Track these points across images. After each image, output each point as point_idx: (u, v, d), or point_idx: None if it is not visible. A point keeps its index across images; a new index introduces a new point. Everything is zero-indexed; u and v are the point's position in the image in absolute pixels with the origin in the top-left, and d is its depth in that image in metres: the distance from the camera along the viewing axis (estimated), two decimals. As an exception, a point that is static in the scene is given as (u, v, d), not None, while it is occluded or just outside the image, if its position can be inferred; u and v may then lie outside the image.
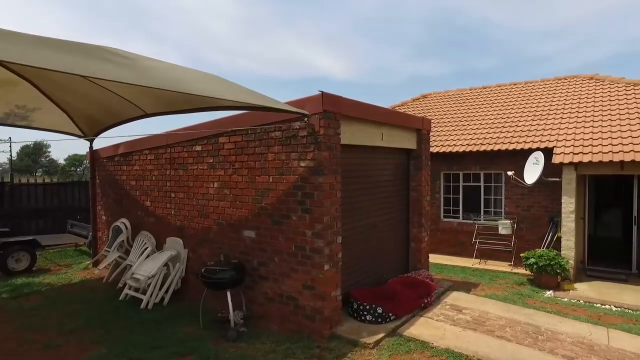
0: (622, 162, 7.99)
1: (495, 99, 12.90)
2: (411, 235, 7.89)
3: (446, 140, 11.11)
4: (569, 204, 8.57)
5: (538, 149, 9.28)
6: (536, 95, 12.27)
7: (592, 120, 9.74)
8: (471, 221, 10.63)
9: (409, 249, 7.93)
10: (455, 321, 5.85)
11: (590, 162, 8.19)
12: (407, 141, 7.52)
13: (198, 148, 6.74)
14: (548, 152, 9.04)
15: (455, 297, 6.87)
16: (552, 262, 8.12)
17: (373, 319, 5.59)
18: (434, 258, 10.64)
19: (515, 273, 9.22)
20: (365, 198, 6.61)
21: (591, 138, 8.96)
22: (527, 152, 9.42)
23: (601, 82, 11.83)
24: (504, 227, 9.77)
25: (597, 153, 8.37)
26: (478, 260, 10.28)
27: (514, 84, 13.65)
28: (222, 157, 6.37)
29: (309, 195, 5.25)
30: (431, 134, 11.70)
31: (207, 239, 6.64)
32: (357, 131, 6.05)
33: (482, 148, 10.05)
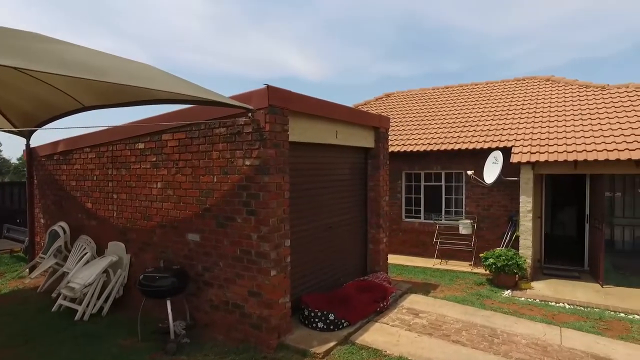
0: (575, 162, 8.05)
1: (457, 99, 12.92)
2: (369, 237, 7.67)
3: (407, 139, 10.99)
4: (526, 203, 8.58)
5: (497, 148, 9.28)
6: (496, 95, 12.36)
7: (549, 121, 9.84)
8: (432, 221, 10.55)
9: (367, 250, 7.71)
10: (411, 326, 5.64)
11: (546, 161, 8.22)
12: (365, 139, 7.29)
13: (141, 146, 6.26)
14: (507, 152, 9.04)
15: (413, 300, 6.69)
16: (510, 262, 8.09)
17: (325, 326, 5.31)
18: (396, 259, 10.51)
19: (475, 273, 9.17)
20: (319, 198, 6.32)
21: (547, 138, 9.02)
22: (487, 152, 9.41)
23: (557, 84, 12.03)
24: (465, 226, 9.72)
25: (552, 152, 8.41)
26: (439, 261, 10.20)
27: (475, 84, 13.74)
28: (165, 155, 5.93)
29: (254, 195, 4.90)
30: (393, 133, 11.60)
31: (150, 243, 6.17)
32: (308, 128, 5.75)
33: (443, 147, 9.98)
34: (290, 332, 5.19)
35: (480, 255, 8.72)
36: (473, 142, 9.82)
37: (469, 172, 9.27)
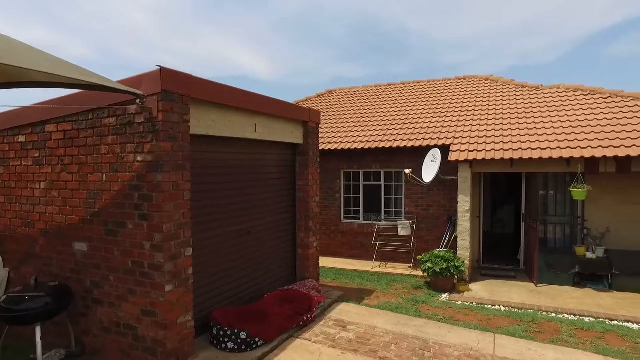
0: (511, 160, 7.89)
1: (399, 97, 12.65)
2: (298, 241, 7.07)
3: (346, 137, 10.53)
4: (464, 203, 8.33)
5: (436, 146, 8.99)
6: (437, 93, 12.20)
7: (487, 119, 9.71)
8: (372, 222, 10.14)
9: (296, 256, 7.10)
10: (335, 341, 5.08)
11: (483, 159, 8.00)
12: (291, 135, 6.68)
13: (21, 139, 5.28)
14: (446, 150, 8.76)
15: (343, 311, 6.15)
16: (448, 264, 7.79)
17: (236, 347, 4.63)
18: (334, 262, 10.01)
19: (413, 276, 8.82)
20: (235, 200, 5.62)
21: (485, 136, 8.85)
22: (426, 150, 9.10)
23: (495, 83, 12.05)
24: (403, 227, 9.38)
25: (490, 151, 8.22)
26: (378, 263, 9.80)
27: (417, 82, 13.56)
28: (49, 150, 5.00)
29: (147, 197, 4.14)
30: (332, 130, 11.10)
31: (33, 254, 5.21)
32: (218, 120, 5.05)
33: (381, 145, 9.58)
34: (194, 355, 4.46)
35: (418, 257, 8.38)
36: (412, 140, 9.49)
37: (407, 171, 8.92)
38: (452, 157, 8.33)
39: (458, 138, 9.03)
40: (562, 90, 10.42)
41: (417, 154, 9.28)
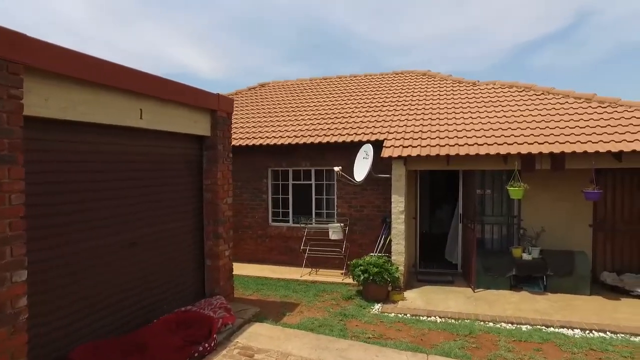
0: (447, 157, 7.32)
1: (334, 91, 11.88)
2: (206, 250, 6.02)
3: (273, 131, 9.57)
4: (398, 203, 7.66)
5: (369, 141, 8.27)
6: (373, 88, 11.56)
7: (423, 114, 9.15)
8: (301, 225, 9.25)
9: (204, 268, 6.04)
10: (236, 377, 4.12)
11: (418, 156, 7.36)
12: (195, 125, 5.61)
13: None
14: (379, 146, 8.05)
15: (253, 334, 5.17)
16: (380, 271, 7.06)
17: (97, 398, 3.53)
18: (260, 270, 9.02)
19: (345, 284, 8.04)
20: (112, 204, 4.47)
21: (421, 131, 8.25)
22: (359, 146, 8.34)
23: (432, 79, 11.62)
24: (334, 231, 8.58)
25: (425, 147, 7.61)
26: (309, 270, 8.93)
27: (354, 77, 12.88)
28: None
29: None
30: (261, 125, 10.10)
31: None
32: (83, 101, 3.89)
33: (310, 140, 8.72)
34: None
35: (349, 263, 7.60)
36: (344, 135, 8.72)
37: (336, 168, 8.10)
38: (385, 153, 7.63)
39: (392, 133, 8.36)
40: (497, 86, 10.13)
41: (350, 151, 8.50)
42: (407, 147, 7.69)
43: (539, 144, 7.15)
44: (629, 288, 7.26)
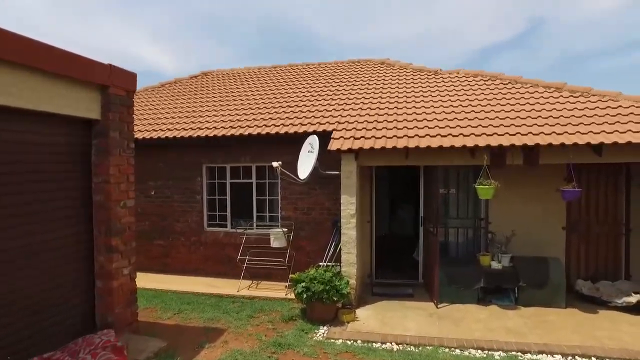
0: (406, 150, 6.18)
1: (282, 79, 10.57)
2: (96, 268, 4.55)
3: (207, 122, 8.16)
4: (349, 205, 6.44)
5: (315, 132, 7.02)
6: (326, 76, 10.33)
7: (379, 102, 8.00)
8: (240, 230, 7.88)
9: (95, 291, 4.58)
10: None
11: (372, 149, 6.18)
12: (78, 105, 4.13)
13: None
14: (328, 139, 6.80)
15: (145, 385, 3.79)
16: (327, 287, 5.82)
17: None
18: (192, 283, 7.59)
19: (289, 300, 6.73)
20: None
21: (375, 121, 7.09)
22: (305, 138, 7.08)
23: (391, 67, 10.53)
24: (276, 237, 7.26)
25: (380, 138, 6.44)
26: (249, 283, 7.58)
27: (307, 65, 11.61)
28: None
29: None
30: (195, 115, 8.66)
31: None
32: None
33: (249, 132, 7.38)
34: None
35: (291, 276, 6.31)
36: (287, 125, 7.43)
37: (275, 164, 6.77)
38: (333, 146, 6.41)
39: (343, 124, 7.16)
40: (462, 75, 9.14)
41: (297, 144, 7.19)
42: (359, 138, 6.50)
43: (510, 135, 6.13)
44: (606, 298, 6.36)
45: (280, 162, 6.75)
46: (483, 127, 6.41)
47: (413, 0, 39.17)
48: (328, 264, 6.96)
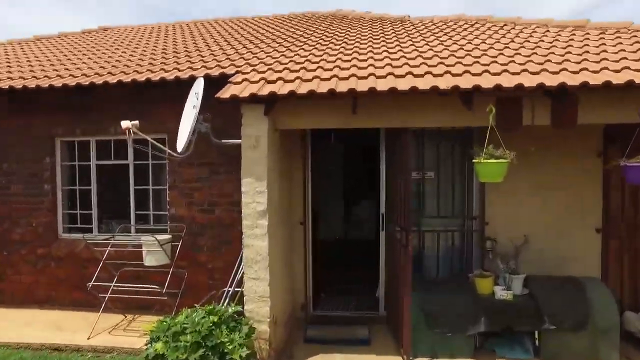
0: (353, 97, 3.37)
1: (197, 32, 7.53)
2: None
3: (65, 69, 5.10)
4: (256, 196, 3.56)
5: (208, 77, 4.08)
6: (251, 30, 7.37)
7: (319, 44, 5.13)
8: (102, 239, 4.85)
9: None
10: None
11: (292, 94, 3.31)
12: None
13: None
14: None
15: None
16: (206, 352, 2.93)
17: None
18: (31, 322, 4.57)
19: (164, 355, 3.80)
20: None
21: (308, 61, 4.23)
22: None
23: (344, 18, 7.65)
24: (150, 250, 4.31)
25: (311, 80, 3.59)
26: (118, 320, 4.61)
27: (237, 19, 8.60)
28: None
29: None
30: (53, 61, 5.56)
31: None
32: None
33: (118, 79, 4.37)
34: None
35: (143, 328, 3.36)
36: (170, 70, 4.47)
37: (125, 124, 3.76)
38: (227, 92, 3.50)
39: (256, 65, 4.25)
40: (438, 21, 6.40)
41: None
42: (274, 81, 3.62)
43: (532, 73, 3.41)
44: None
45: (136, 122, 3.77)
46: (482, 64, 3.66)
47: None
48: (237, 289, 4.10)
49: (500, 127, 3.24)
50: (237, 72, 3.99)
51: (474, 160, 3.14)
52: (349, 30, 5.98)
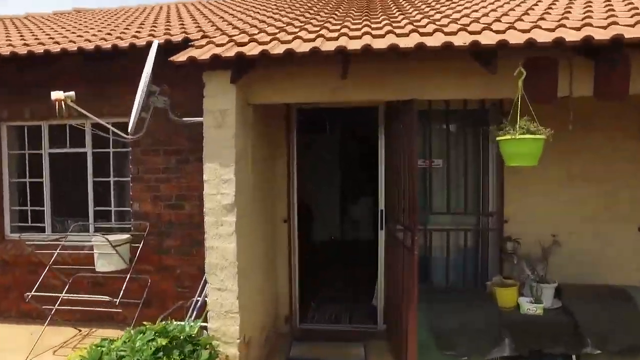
0: (343, 59, 2.63)
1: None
2: None
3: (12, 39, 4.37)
4: (221, 186, 2.84)
5: (169, 44, 3.34)
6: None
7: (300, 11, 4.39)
8: (53, 239, 4.12)
9: None
10: None
11: (264, 54, 2.58)
12: None
13: None
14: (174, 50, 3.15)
15: None
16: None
17: None
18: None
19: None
20: None
21: (291, 24, 3.48)
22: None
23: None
24: (102, 253, 3.58)
25: (290, 42, 2.85)
26: (72, 335, 3.90)
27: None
28: None
29: None
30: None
31: None
32: None
33: (78, 46, 3.64)
34: None
35: (69, 358, 2.62)
36: (128, 37, 3.73)
37: (56, 95, 3.03)
38: (186, 55, 2.75)
39: (228, 28, 3.51)
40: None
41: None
42: (245, 43, 2.87)
43: (572, 29, 2.67)
44: None
45: (70, 93, 3.03)
46: (506, 23, 2.91)
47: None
48: (207, 299, 3.35)
49: (532, 99, 2.50)
50: (203, 37, 3.25)
51: (499, 138, 2.39)
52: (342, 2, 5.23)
